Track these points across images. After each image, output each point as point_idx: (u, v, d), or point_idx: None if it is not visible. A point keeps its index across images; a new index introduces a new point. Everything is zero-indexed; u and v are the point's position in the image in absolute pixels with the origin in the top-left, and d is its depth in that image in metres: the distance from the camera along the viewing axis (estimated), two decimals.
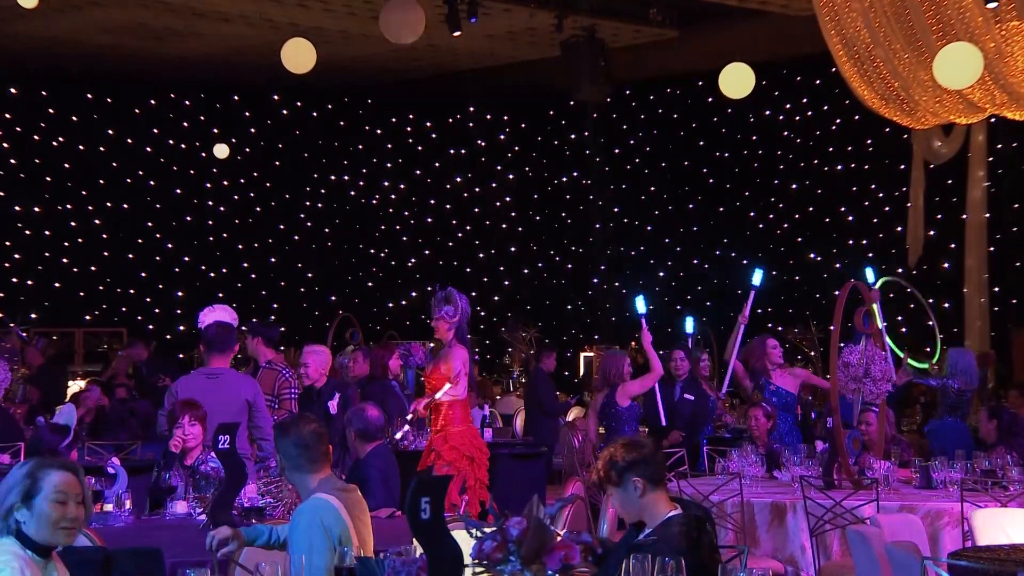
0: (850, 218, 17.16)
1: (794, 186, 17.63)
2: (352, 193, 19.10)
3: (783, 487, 6.94)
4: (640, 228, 18.78)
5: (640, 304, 9.26)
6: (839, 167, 17.23)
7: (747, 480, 6.74)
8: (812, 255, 17.44)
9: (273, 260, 18.64)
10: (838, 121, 16.84)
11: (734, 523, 6.50)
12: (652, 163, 18.70)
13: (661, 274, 18.60)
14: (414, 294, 18.45)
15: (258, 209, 18.62)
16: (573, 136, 19.06)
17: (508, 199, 19.32)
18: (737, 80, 10.36)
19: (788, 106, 17.37)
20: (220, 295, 17.93)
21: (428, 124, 19.25)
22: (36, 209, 17.19)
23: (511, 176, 19.35)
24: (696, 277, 18.43)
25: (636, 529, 3.93)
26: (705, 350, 16.78)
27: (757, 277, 9.57)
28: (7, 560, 3.27)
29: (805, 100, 17.29)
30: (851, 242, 17.07)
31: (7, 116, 16.80)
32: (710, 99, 16.78)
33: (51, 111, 17.28)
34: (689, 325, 10.10)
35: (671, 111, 18.48)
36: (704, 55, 14.75)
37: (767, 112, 17.41)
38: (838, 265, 16.88)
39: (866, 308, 7.23)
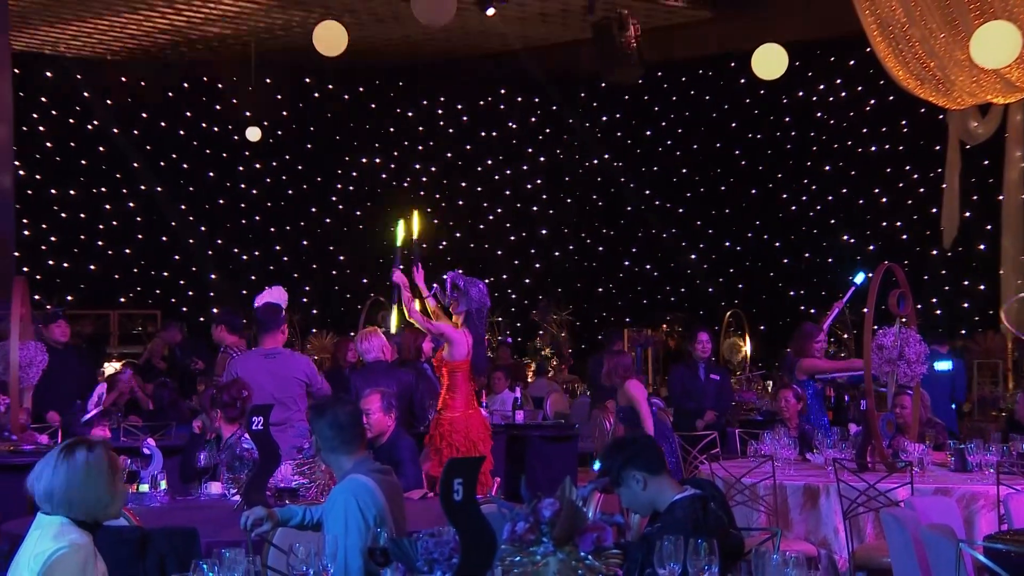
0: (884, 200, 17.02)
1: (827, 167, 17.49)
2: (384, 175, 19.13)
3: (816, 469, 6.91)
4: (672, 210, 18.71)
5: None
6: (873, 148, 17.08)
7: (779, 462, 6.71)
8: (846, 237, 17.32)
9: (305, 243, 18.72)
10: (872, 102, 16.69)
11: (767, 505, 6.48)
12: (684, 145, 18.61)
13: (693, 256, 18.54)
14: (447, 276, 18.44)
15: (290, 192, 18.69)
16: (605, 118, 18.99)
17: (539, 181, 19.29)
18: (770, 61, 10.30)
19: (822, 87, 17.23)
20: (252, 278, 18.05)
21: (459, 106, 19.23)
22: (71, 192, 17.34)
23: (542, 158, 19.31)
24: (728, 259, 18.35)
25: (653, 521, 3.91)
26: (737, 333, 16.79)
27: (859, 278, 9.59)
28: (71, 539, 3.36)
29: (839, 81, 17.13)
30: (885, 224, 16.93)
31: (42, 100, 16.92)
32: (743, 80, 16.69)
33: (85, 94, 17.39)
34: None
35: (703, 93, 18.37)
36: (737, 36, 14.67)
37: (800, 93, 17.28)
38: (872, 247, 16.76)
39: (900, 290, 7.16)
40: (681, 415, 9.44)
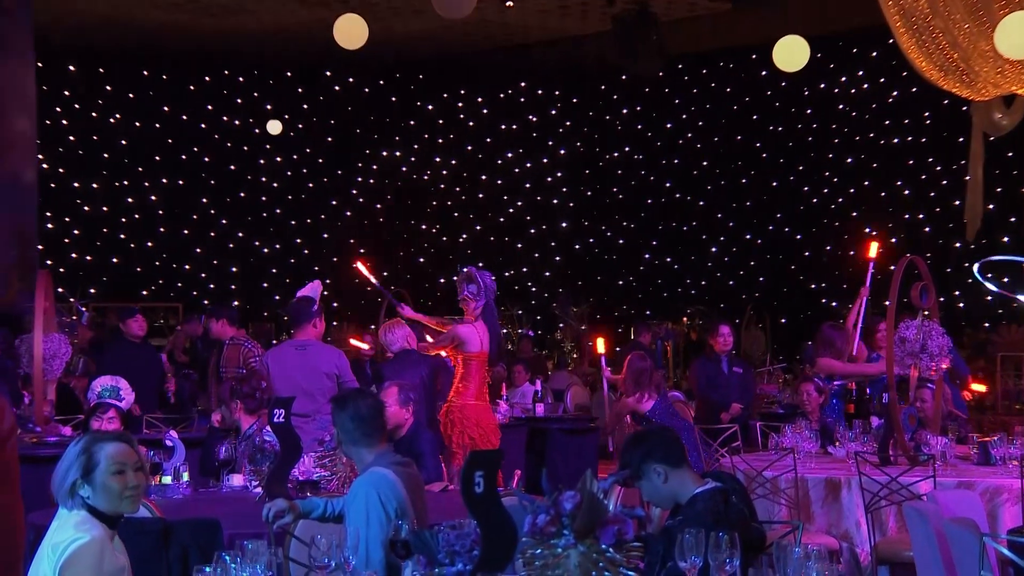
0: (907, 192, 16.93)
1: (849, 160, 17.41)
2: (404, 169, 19.14)
3: (838, 463, 6.88)
4: (692, 203, 18.66)
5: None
6: (896, 140, 16.99)
7: (801, 455, 6.69)
8: (867, 229, 17.23)
9: (325, 236, 18.76)
10: (895, 93, 16.59)
11: (788, 499, 6.46)
12: (705, 138, 18.55)
13: (713, 249, 18.49)
14: (465, 270, 18.46)
15: (310, 185, 18.73)
16: (625, 111, 18.95)
17: (560, 174, 19.27)
18: (791, 53, 10.24)
19: (843, 79, 17.13)
20: (273, 271, 18.13)
21: (480, 99, 19.22)
22: (94, 185, 17.43)
23: (563, 151, 19.28)
24: (749, 252, 18.29)
25: (674, 515, 3.90)
26: (759, 326, 16.76)
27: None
28: (88, 528, 3.38)
29: (861, 73, 17.04)
30: (907, 216, 16.84)
31: (66, 93, 17.00)
32: (764, 72, 16.62)
33: (108, 88, 17.47)
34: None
35: (724, 85, 18.30)
36: (758, 28, 14.60)
37: (822, 85, 17.19)
38: (894, 240, 16.67)
39: (923, 283, 7.12)
40: (705, 408, 9.42)
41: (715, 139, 18.47)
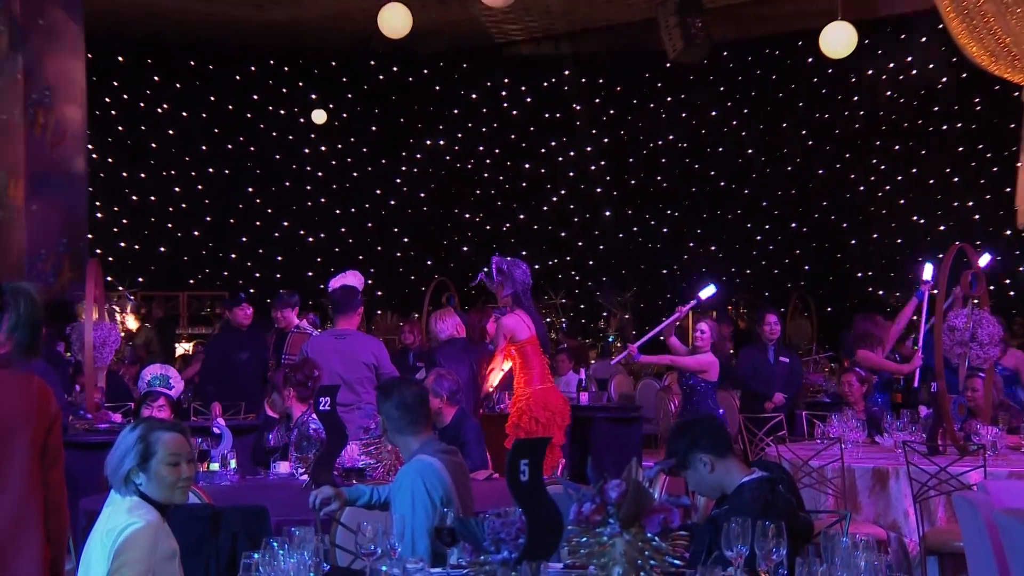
0: (956, 179, 16.71)
1: (897, 147, 17.21)
2: (447, 157, 19.17)
3: (885, 452, 6.82)
4: (737, 191, 18.54)
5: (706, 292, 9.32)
6: (944, 127, 16.77)
7: (848, 445, 6.63)
8: (915, 218, 17.05)
9: (370, 225, 18.84)
10: (944, 79, 16.37)
11: (835, 488, 6.42)
12: (749, 125, 18.41)
13: (758, 238, 18.36)
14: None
15: (355, 174, 18.81)
16: (669, 99, 18.85)
17: (603, 163, 19.21)
18: (839, 39, 10.14)
19: (891, 65, 16.93)
20: (318, 259, 18.23)
21: (523, 88, 19.19)
22: (142, 175, 17.61)
23: (606, 140, 19.22)
24: (795, 241, 18.15)
25: (720, 504, 3.88)
26: (804, 314, 16.64)
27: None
28: (142, 514, 3.43)
29: (910, 59, 16.83)
30: (956, 204, 16.63)
31: (114, 84, 17.18)
32: (810, 59, 16.46)
33: (155, 78, 17.63)
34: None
35: (770, 72, 18.14)
36: (804, 13, 14.44)
37: (869, 72, 17.00)
38: (943, 228, 16.48)
39: (973, 271, 7.03)
40: (749, 397, 9.37)
41: (760, 127, 18.33)
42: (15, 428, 2.96)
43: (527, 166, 19.28)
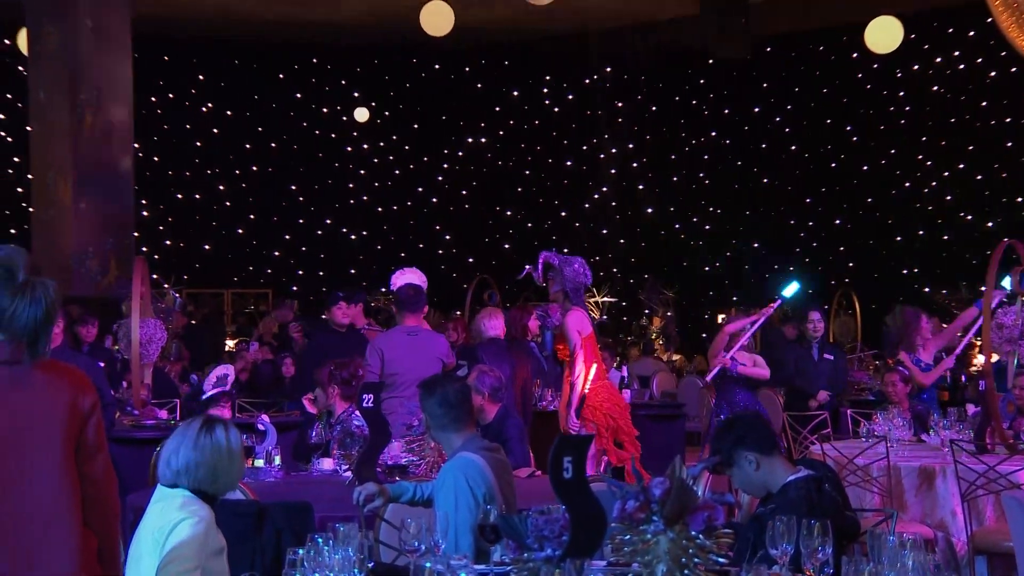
0: (1004, 175, 16.50)
1: (943, 143, 17.02)
2: (489, 155, 19.19)
3: (932, 451, 6.74)
4: (780, 188, 18.41)
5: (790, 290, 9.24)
6: (992, 122, 16.56)
7: (893, 443, 6.57)
8: (962, 213, 16.84)
9: (412, 222, 18.89)
10: (992, 74, 16.17)
11: (880, 487, 6.35)
12: (793, 122, 18.28)
13: (802, 235, 18.22)
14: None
15: (397, 172, 18.88)
16: (712, 95, 18.75)
17: (645, 160, 19.14)
18: (884, 34, 10.04)
19: (938, 60, 16.74)
20: (360, 257, 18.32)
21: (565, 85, 19.17)
22: (187, 173, 17.77)
23: (648, 136, 19.15)
24: (839, 237, 18.00)
25: (765, 503, 3.85)
26: (848, 312, 16.49)
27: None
28: (194, 510, 3.46)
29: (957, 53, 16.63)
30: (1005, 200, 16.42)
31: (160, 83, 17.35)
32: (855, 55, 16.31)
33: (200, 77, 17.78)
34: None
35: (814, 68, 18.00)
36: (849, 8, 14.32)
37: (915, 66, 16.82)
38: (991, 224, 16.28)
39: (1022, 267, 6.94)
40: (793, 395, 9.31)
41: (804, 123, 18.19)
42: (39, 423, 2.95)
43: (569, 163, 19.26)
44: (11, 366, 2.94)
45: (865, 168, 17.69)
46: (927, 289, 16.38)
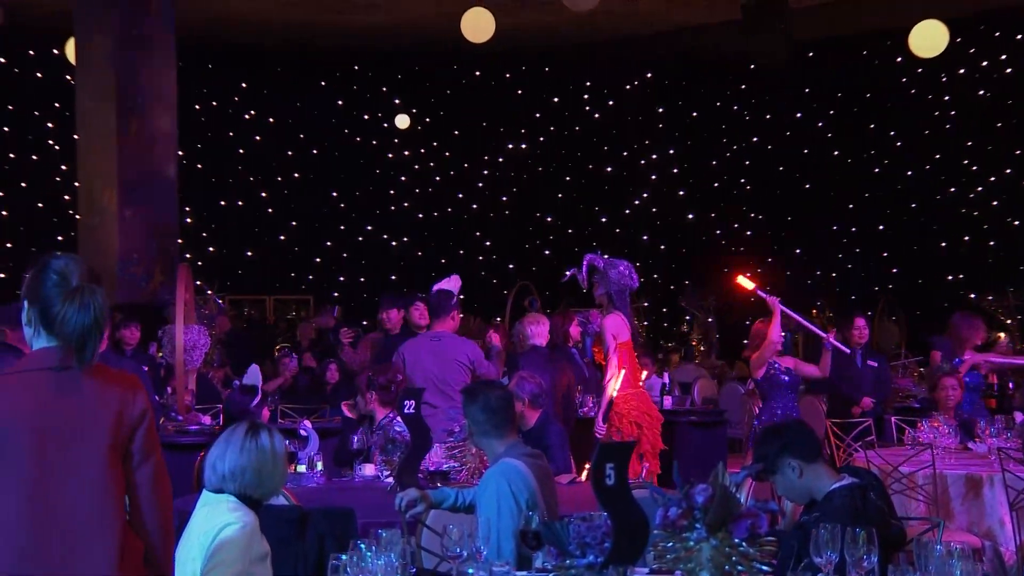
0: None
1: (989, 147, 16.81)
2: (529, 161, 19.19)
3: (979, 459, 6.66)
4: (822, 193, 18.26)
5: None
6: None
7: (939, 451, 6.50)
8: (1009, 219, 16.63)
9: (452, 229, 18.93)
10: None
11: (926, 495, 6.29)
12: (835, 127, 18.13)
13: (844, 240, 18.07)
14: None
15: (437, 178, 18.93)
16: (753, 100, 18.64)
17: (685, 165, 19.07)
18: (929, 38, 9.95)
19: (985, 64, 16.54)
20: (401, 263, 18.38)
21: (605, 91, 19.14)
22: (229, 180, 17.90)
23: (688, 142, 19.08)
24: (882, 242, 17.83)
25: (809, 510, 3.83)
26: (892, 318, 16.33)
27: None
28: (240, 516, 3.48)
29: (1004, 56, 16.43)
30: None
31: (203, 91, 17.50)
32: (899, 59, 16.15)
33: (243, 85, 17.93)
34: None
35: (856, 72, 17.84)
36: (893, 12, 14.20)
37: (961, 71, 16.64)
38: None
39: None
40: (837, 402, 9.23)
41: (846, 128, 18.04)
42: (85, 430, 2.97)
43: (609, 169, 19.22)
44: (60, 372, 2.98)
45: (909, 173, 17.52)
46: (973, 295, 16.19)
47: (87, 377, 2.99)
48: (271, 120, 18.08)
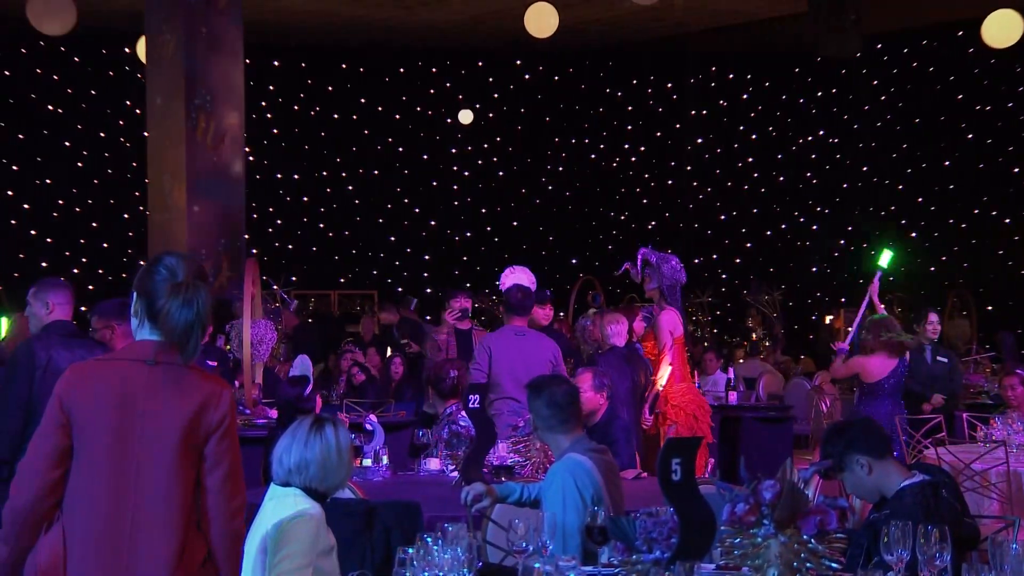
0: None
1: None
2: (593, 156, 19.14)
3: None
4: (890, 187, 18.00)
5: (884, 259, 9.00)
6: None
7: (1013, 448, 6.39)
8: None
9: (515, 224, 18.95)
10: None
11: (999, 493, 6.18)
12: (905, 119, 17.85)
13: (913, 235, 17.78)
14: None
15: (500, 173, 18.95)
16: (820, 93, 18.42)
17: (751, 160, 18.90)
18: (1003, 28, 9.77)
19: None
20: (464, 258, 18.44)
21: (669, 85, 19.03)
22: (295, 176, 18.08)
23: (754, 136, 18.91)
24: (952, 237, 17.52)
25: (878, 508, 3.78)
26: (963, 314, 16.07)
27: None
28: (306, 508, 3.55)
29: None
30: None
31: (270, 88, 17.68)
32: (971, 50, 15.85)
33: (308, 81, 18.09)
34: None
35: (927, 64, 17.55)
36: (964, 2, 13.94)
37: None
38: None
39: None
40: (907, 398, 9.08)
41: (916, 120, 17.75)
42: (160, 427, 3.01)
43: (672, 164, 19.12)
44: (152, 365, 3.04)
45: (981, 166, 17.20)
46: None
47: (177, 375, 3.03)
48: (336, 116, 18.21)
